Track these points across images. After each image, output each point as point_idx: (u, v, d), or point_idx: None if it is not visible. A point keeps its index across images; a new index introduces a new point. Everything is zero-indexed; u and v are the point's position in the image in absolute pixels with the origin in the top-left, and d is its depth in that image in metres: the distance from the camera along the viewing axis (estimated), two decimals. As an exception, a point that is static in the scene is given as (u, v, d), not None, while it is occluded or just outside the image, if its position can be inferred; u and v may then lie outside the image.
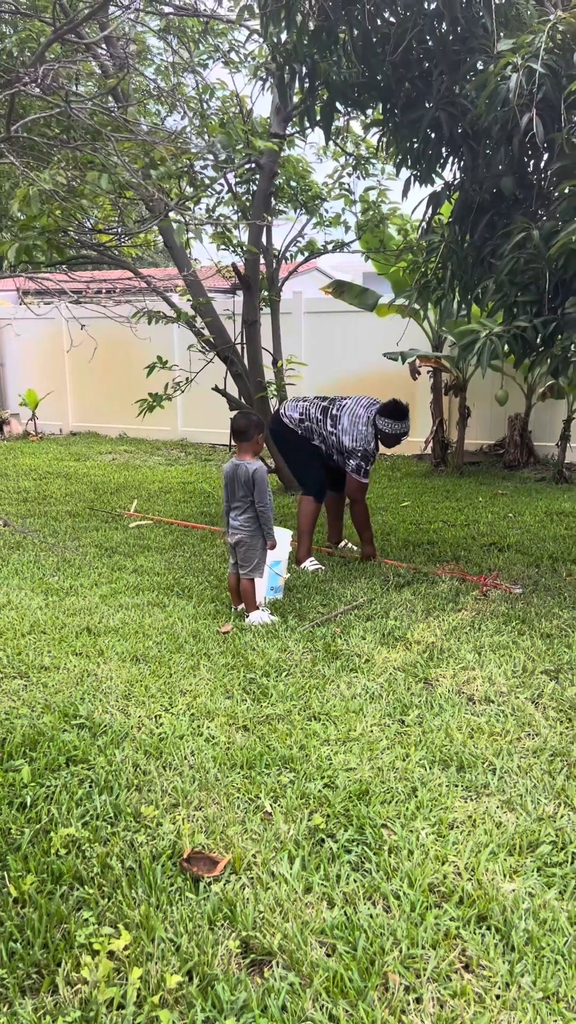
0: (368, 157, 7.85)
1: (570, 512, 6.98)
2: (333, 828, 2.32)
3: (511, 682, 3.34)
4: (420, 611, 4.28)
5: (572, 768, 2.64)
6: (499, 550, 5.68)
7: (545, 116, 4.00)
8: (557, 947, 1.84)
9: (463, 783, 2.56)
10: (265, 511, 4.17)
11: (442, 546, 5.80)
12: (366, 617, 4.20)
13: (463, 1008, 1.69)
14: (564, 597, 4.49)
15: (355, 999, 1.70)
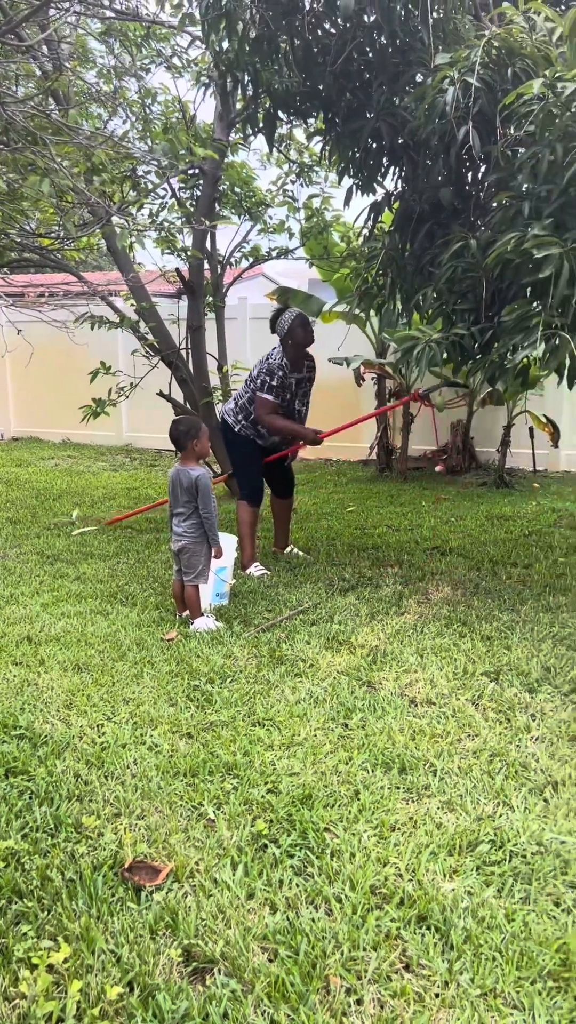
0: (311, 165, 7.91)
1: (510, 516, 7.12)
2: (276, 833, 2.33)
3: (452, 684, 3.40)
4: (364, 615, 4.32)
5: (511, 768, 2.69)
6: (441, 554, 5.76)
7: (481, 129, 4.09)
8: (495, 944, 1.88)
9: (405, 785, 2.59)
10: (209, 517, 4.16)
11: (386, 550, 5.85)
12: (311, 622, 4.22)
13: (403, 1008, 1.71)
14: (504, 600, 4.57)
15: (296, 1003, 1.71)
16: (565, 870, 2.15)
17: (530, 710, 3.14)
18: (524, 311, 3.77)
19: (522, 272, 3.77)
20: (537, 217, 3.83)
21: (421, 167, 4.74)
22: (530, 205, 3.85)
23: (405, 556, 5.67)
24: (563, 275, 3.51)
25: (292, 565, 5.43)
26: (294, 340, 5.20)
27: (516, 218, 3.92)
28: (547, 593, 4.68)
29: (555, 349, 3.58)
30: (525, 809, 2.44)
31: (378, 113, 4.61)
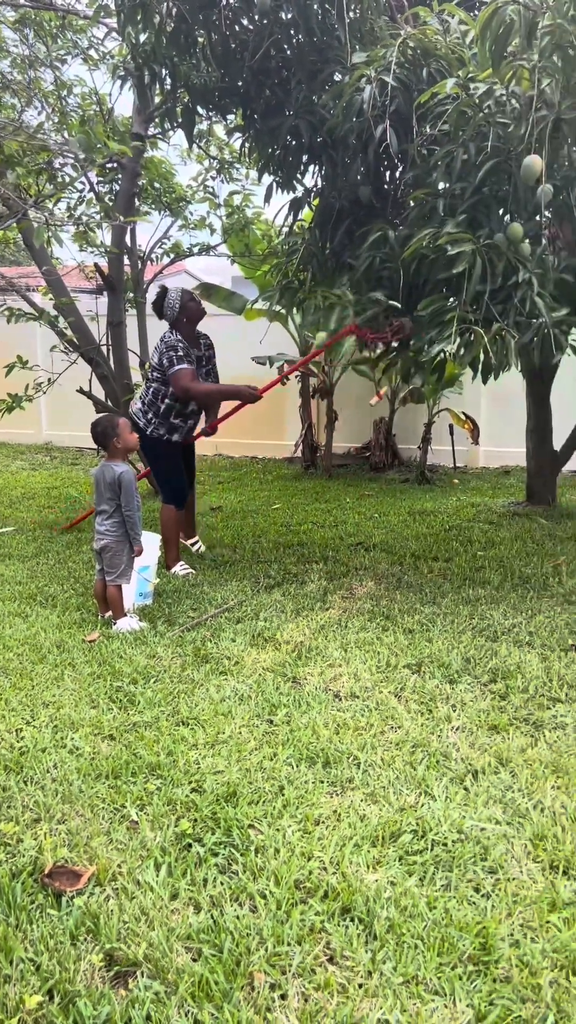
0: (232, 161, 7.89)
1: (431, 511, 7.25)
2: (200, 832, 2.31)
3: (375, 677, 3.43)
4: (289, 611, 4.33)
5: (432, 758, 2.73)
6: (365, 549, 5.82)
7: (398, 128, 4.15)
8: (417, 932, 1.90)
9: (329, 779, 2.61)
10: (132, 515, 4.11)
11: (311, 547, 5.88)
12: (236, 619, 4.20)
13: (327, 1000, 1.71)
14: (425, 593, 4.65)
15: (221, 1001, 1.70)
16: (485, 856, 2.20)
17: (451, 701, 3.20)
18: (439, 306, 3.83)
19: (437, 268, 3.84)
20: (451, 214, 3.90)
21: (340, 165, 4.77)
22: (445, 202, 3.92)
23: (330, 552, 5.70)
24: (476, 271, 3.58)
25: (217, 563, 5.41)
26: (189, 316, 5.08)
27: (432, 215, 3.99)
28: (467, 586, 4.78)
29: (469, 344, 3.66)
30: (446, 798, 2.48)
31: (297, 111, 4.63)
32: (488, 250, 3.78)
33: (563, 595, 4.58)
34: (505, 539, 6.03)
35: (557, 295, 4.08)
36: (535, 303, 3.74)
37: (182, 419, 5.18)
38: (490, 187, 4.15)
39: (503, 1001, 1.70)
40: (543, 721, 3.01)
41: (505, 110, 4.06)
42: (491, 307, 3.72)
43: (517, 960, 1.81)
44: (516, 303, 3.69)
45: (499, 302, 3.82)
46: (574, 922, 1.93)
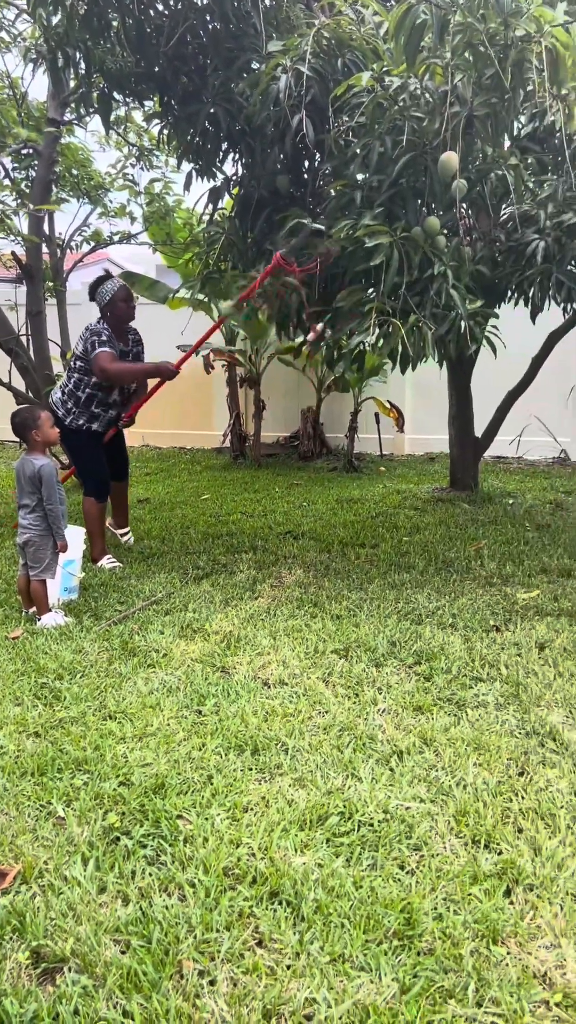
0: (151, 148, 7.79)
1: (359, 499, 7.33)
2: (128, 825, 2.30)
3: (304, 663, 3.47)
4: (218, 602, 4.33)
5: (359, 740, 2.78)
6: (294, 538, 5.86)
7: (315, 118, 4.16)
8: (343, 912, 1.94)
9: (257, 766, 2.63)
10: (54, 510, 4.04)
11: (241, 536, 5.89)
12: (165, 611, 4.19)
13: (255, 983, 1.74)
14: (352, 579, 4.71)
15: (149, 991, 1.70)
16: (410, 834, 2.25)
17: (377, 684, 3.26)
18: (358, 297, 3.87)
19: (355, 259, 3.87)
20: (369, 206, 3.94)
21: (258, 153, 4.77)
22: (362, 194, 3.95)
23: (259, 542, 5.72)
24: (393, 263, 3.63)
25: (145, 555, 5.37)
26: (114, 314, 5.05)
27: (350, 206, 4.02)
28: (393, 571, 4.86)
29: (388, 335, 3.71)
30: (372, 779, 2.53)
31: (214, 98, 4.60)
32: (405, 243, 3.84)
33: (485, 577, 4.70)
34: (430, 524, 6.15)
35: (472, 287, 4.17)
36: (451, 295, 3.82)
37: (103, 408, 5.11)
38: (407, 180, 4.20)
39: (426, 973, 1.75)
40: (466, 700, 3.09)
41: (420, 104, 4.11)
42: (408, 299, 3.78)
43: (440, 933, 1.87)
44: (432, 295, 3.76)
45: (416, 294, 3.88)
46: (495, 893, 2.00)
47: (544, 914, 1.93)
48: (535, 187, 5.16)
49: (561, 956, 1.81)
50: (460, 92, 3.85)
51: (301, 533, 5.99)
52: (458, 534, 5.81)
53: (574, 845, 2.19)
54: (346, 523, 6.33)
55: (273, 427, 10.62)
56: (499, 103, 3.80)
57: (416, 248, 3.79)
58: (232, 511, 6.92)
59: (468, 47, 3.75)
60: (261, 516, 6.68)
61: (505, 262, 5.05)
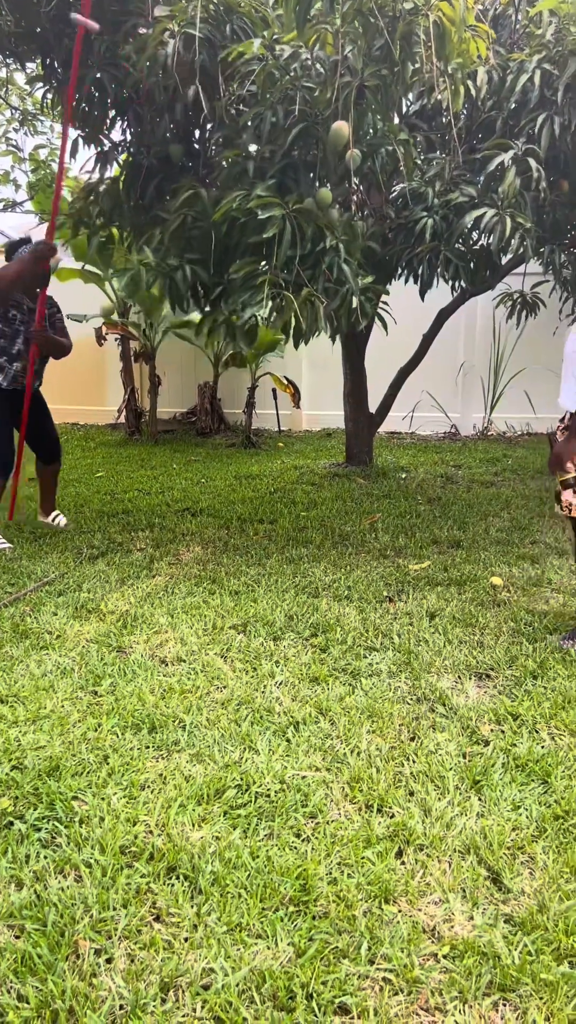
0: (35, 113, 7.49)
1: (257, 475, 7.34)
2: (22, 809, 2.26)
3: (202, 640, 3.46)
4: (114, 581, 4.27)
5: (256, 714, 2.80)
6: (192, 515, 5.82)
7: (205, 85, 4.09)
8: (240, 882, 1.96)
9: (154, 743, 2.62)
10: None
11: (137, 514, 5.81)
12: (58, 592, 4.09)
13: (152, 957, 1.74)
14: (251, 555, 4.72)
15: (44, 974, 1.68)
16: (306, 803, 2.29)
17: (275, 657, 3.29)
18: (251, 270, 3.85)
19: (247, 231, 3.85)
20: (261, 177, 3.91)
21: (148, 121, 4.65)
22: (255, 165, 3.92)
23: (156, 519, 5.66)
24: (286, 236, 3.62)
25: (37, 535, 5.23)
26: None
27: (242, 177, 3.97)
28: (290, 546, 4.90)
29: (281, 309, 3.70)
30: (269, 751, 2.56)
31: (99, 62, 4.45)
32: (297, 215, 3.83)
33: (379, 550, 4.80)
34: (326, 499, 6.22)
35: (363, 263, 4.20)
36: (342, 269, 3.84)
37: (6, 358, 4.81)
38: (299, 151, 4.19)
39: (321, 935, 1.79)
40: (360, 670, 3.16)
41: (311, 74, 4.09)
42: (301, 272, 3.78)
43: (334, 896, 1.92)
44: (324, 268, 3.77)
45: (308, 267, 3.89)
46: (387, 855, 2.06)
47: (433, 872, 2.01)
48: (423, 165, 5.24)
49: (449, 911, 1.88)
50: (351, 62, 3.85)
51: (199, 510, 5.96)
52: (354, 508, 5.91)
53: (462, 805, 2.28)
54: (244, 499, 6.33)
55: (170, 403, 10.49)
56: (389, 75, 3.82)
57: (309, 221, 3.79)
58: (128, 488, 6.81)
59: (358, 15, 3.75)
60: (158, 493, 6.60)
61: (395, 238, 5.11)
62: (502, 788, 2.35)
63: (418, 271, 5.16)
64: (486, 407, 9.98)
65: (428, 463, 8.05)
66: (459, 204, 4.81)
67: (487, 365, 9.84)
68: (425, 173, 5.12)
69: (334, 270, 3.81)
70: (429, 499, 6.24)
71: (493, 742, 2.61)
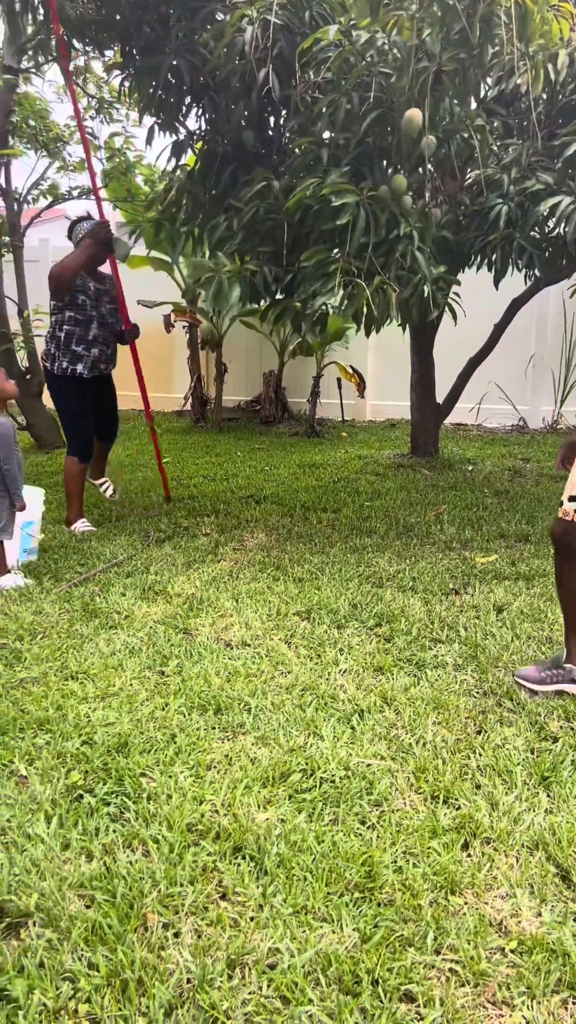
0: (111, 101, 7.57)
1: (320, 464, 7.33)
2: (92, 783, 2.31)
3: (266, 625, 3.48)
4: (180, 564, 4.32)
5: (320, 700, 2.81)
6: (256, 502, 5.85)
7: (281, 72, 4.08)
8: (306, 865, 1.97)
9: (220, 725, 2.65)
10: (10, 470, 3.97)
11: (202, 500, 5.87)
12: (126, 574, 4.16)
13: (219, 934, 1.76)
14: (314, 543, 4.72)
15: (114, 944, 1.72)
16: (370, 791, 2.29)
17: (338, 645, 3.29)
18: (323, 257, 3.83)
19: (321, 218, 3.83)
20: (335, 164, 3.88)
21: (223, 108, 4.66)
22: (328, 152, 3.89)
23: (221, 505, 5.71)
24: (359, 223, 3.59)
25: (106, 518, 5.32)
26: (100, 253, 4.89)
27: (315, 164, 3.96)
28: (354, 535, 4.89)
29: (352, 297, 3.68)
30: (334, 737, 2.56)
31: (177, 49, 4.48)
32: (372, 202, 3.80)
33: (444, 542, 4.75)
34: (391, 490, 6.18)
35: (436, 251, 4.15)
36: (416, 258, 3.80)
37: (85, 346, 4.89)
38: (374, 138, 4.15)
39: (386, 923, 1.79)
40: (425, 661, 3.13)
41: (387, 60, 4.05)
42: (374, 260, 3.75)
43: (400, 885, 1.91)
44: (398, 256, 3.73)
45: (381, 255, 3.85)
46: (453, 847, 2.05)
47: (500, 866, 1.99)
48: (500, 151, 5.14)
49: (516, 905, 1.86)
50: (428, 47, 3.79)
51: (263, 497, 5.99)
52: (418, 499, 5.86)
53: (530, 800, 2.25)
54: (308, 488, 6.33)
55: (235, 391, 10.54)
56: (467, 59, 3.75)
57: (383, 208, 3.75)
58: (193, 475, 6.88)
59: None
60: (223, 480, 6.65)
61: (469, 226, 5.03)
62: (572, 785, 2.31)
63: (492, 259, 5.08)
64: (556, 400, 9.77)
65: (495, 456, 7.93)
66: (535, 191, 4.71)
67: (558, 357, 9.62)
68: (501, 159, 5.02)
69: (407, 258, 3.77)
70: (496, 492, 6.15)
71: (562, 739, 2.57)
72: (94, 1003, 1.58)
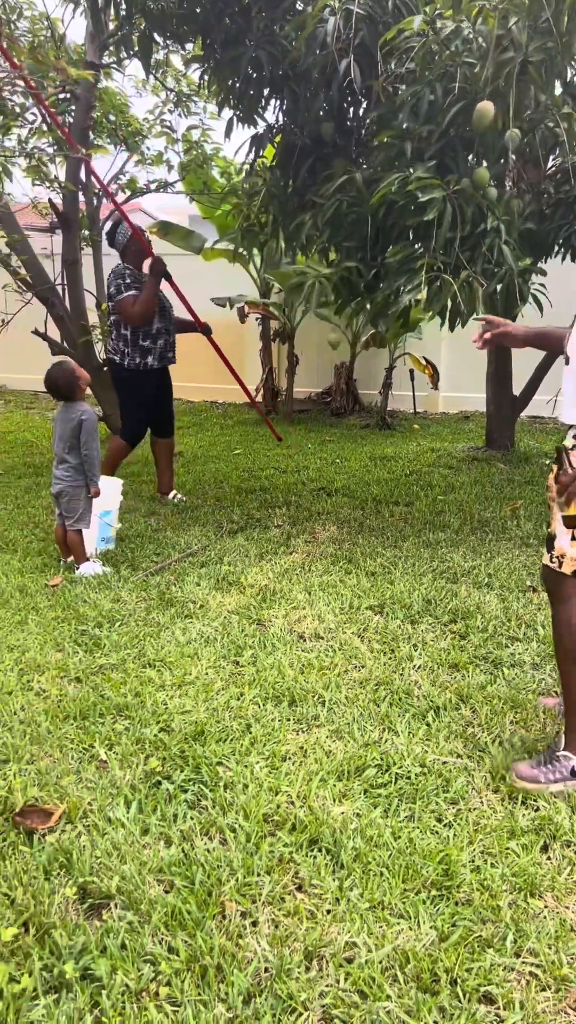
0: (190, 94, 7.62)
1: (392, 457, 7.28)
2: (169, 770, 2.35)
3: (339, 618, 3.48)
4: (253, 555, 4.35)
5: (395, 695, 2.80)
6: (327, 494, 5.85)
7: (362, 63, 4.04)
8: (382, 860, 1.97)
9: (295, 717, 2.66)
10: (91, 456, 4.06)
11: (274, 492, 5.89)
12: (200, 564, 4.22)
13: (296, 925, 1.78)
14: (387, 537, 4.70)
15: (193, 929, 1.75)
16: (447, 788, 2.27)
17: (412, 640, 3.27)
18: (408, 253, 3.79)
19: (406, 213, 3.78)
20: (419, 158, 3.83)
21: (302, 100, 4.65)
22: (412, 145, 3.84)
23: (292, 497, 5.72)
24: (446, 218, 3.54)
25: (179, 508, 5.39)
26: (134, 250, 5.22)
27: (399, 158, 3.91)
28: (427, 529, 4.84)
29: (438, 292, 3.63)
30: (409, 733, 2.55)
31: (258, 41, 4.48)
32: (457, 196, 3.73)
33: (521, 538, 4.67)
34: (465, 483, 6.10)
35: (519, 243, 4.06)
36: (502, 251, 3.72)
37: (151, 340, 5.21)
38: (457, 130, 4.07)
39: (464, 922, 1.78)
40: (502, 659, 3.09)
41: (472, 49, 3.97)
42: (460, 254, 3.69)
43: (478, 884, 1.89)
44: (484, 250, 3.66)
45: (467, 249, 3.79)
46: (532, 848, 2.02)
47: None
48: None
49: (598, 911, 1.82)
50: (514, 36, 3.71)
51: (334, 489, 5.98)
52: (494, 494, 5.77)
53: (611, 804, 2.20)
54: (380, 480, 6.30)
55: (306, 382, 10.53)
56: (555, 47, 3.65)
57: (469, 201, 3.68)
58: (265, 466, 6.91)
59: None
60: (294, 472, 6.67)
61: (553, 215, 4.91)
62: None
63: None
64: None
65: (571, 450, 7.73)
66: (623, 178, 4.56)
67: None
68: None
69: (494, 252, 3.70)
70: (573, 488, 6.00)
71: None
72: (174, 986, 1.61)
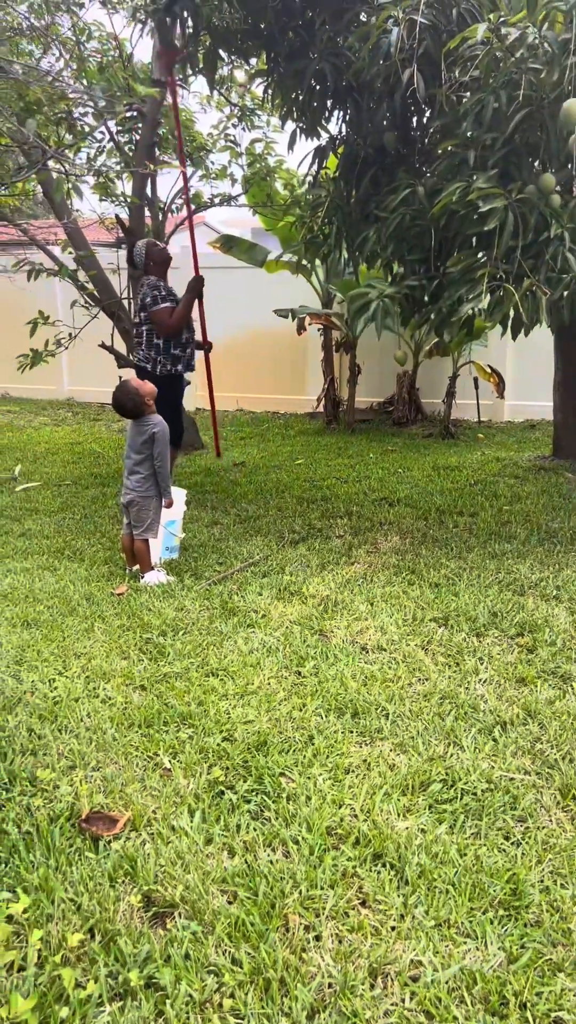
0: (253, 108, 7.71)
1: (456, 467, 7.20)
2: (232, 780, 2.35)
3: (402, 630, 3.45)
4: (315, 566, 4.34)
5: (460, 709, 2.75)
6: (390, 505, 5.81)
7: (426, 72, 4.03)
8: (448, 878, 1.93)
9: (358, 729, 2.64)
10: (163, 468, 4.12)
11: (335, 502, 5.88)
12: (262, 573, 4.23)
13: (360, 941, 1.76)
14: (451, 548, 4.64)
15: (257, 942, 1.74)
16: (514, 805, 2.22)
17: (478, 654, 3.21)
18: (470, 263, 3.75)
19: (467, 223, 3.75)
20: (482, 167, 3.80)
21: (365, 110, 4.65)
22: (475, 154, 3.81)
23: (354, 507, 5.70)
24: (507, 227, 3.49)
25: (242, 518, 5.42)
26: (156, 260, 5.35)
27: (461, 167, 3.88)
28: (492, 541, 4.76)
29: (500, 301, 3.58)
30: (475, 749, 2.51)
31: (321, 53, 4.50)
32: (520, 204, 3.68)
33: (590, 550, 4.56)
34: (531, 493, 5.99)
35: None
36: (567, 259, 3.65)
37: (181, 348, 5.35)
38: (522, 136, 4.02)
39: (534, 944, 1.73)
40: (571, 674, 3.02)
41: (538, 55, 3.92)
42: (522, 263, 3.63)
43: (548, 905, 1.84)
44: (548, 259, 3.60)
45: (530, 257, 3.73)
46: (603, 869, 1.96)
47: None
48: None
49: None
50: (583, 40, 3.65)
51: (397, 500, 5.93)
52: (562, 504, 5.65)
53: None
54: (443, 490, 6.23)
55: (367, 392, 10.50)
56: (625, 50, 3.58)
57: (532, 209, 3.63)
58: (326, 476, 6.90)
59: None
60: (355, 482, 6.64)
61: (622, 220, 4.80)
62: None
63: None
64: None
65: None
66: None
67: None
68: None
69: (558, 259, 3.63)
70: None
71: None
72: (238, 999, 1.61)
